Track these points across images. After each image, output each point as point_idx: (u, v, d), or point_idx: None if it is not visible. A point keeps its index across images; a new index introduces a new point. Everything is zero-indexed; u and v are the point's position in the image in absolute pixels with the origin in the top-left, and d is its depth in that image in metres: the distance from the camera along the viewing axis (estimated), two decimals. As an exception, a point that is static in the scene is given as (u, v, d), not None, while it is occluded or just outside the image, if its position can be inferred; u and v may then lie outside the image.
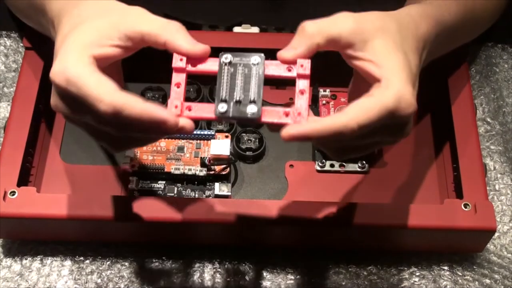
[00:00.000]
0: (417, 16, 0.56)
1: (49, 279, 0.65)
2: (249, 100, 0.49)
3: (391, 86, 0.48)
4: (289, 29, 0.76)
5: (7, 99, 0.75)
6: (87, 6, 0.52)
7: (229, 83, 0.49)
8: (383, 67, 0.50)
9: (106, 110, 0.46)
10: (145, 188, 0.66)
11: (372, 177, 0.69)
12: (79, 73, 0.47)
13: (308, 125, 0.47)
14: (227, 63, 0.50)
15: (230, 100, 0.49)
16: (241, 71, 0.50)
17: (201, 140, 0.68)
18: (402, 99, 0.48)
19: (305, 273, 0.66)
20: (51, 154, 0.70)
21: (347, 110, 0.48)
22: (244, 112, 0.49)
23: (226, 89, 0.49)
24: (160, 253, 0.66)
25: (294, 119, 0.49)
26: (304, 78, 0.50)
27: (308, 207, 0.62)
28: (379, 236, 0.64)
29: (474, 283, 0.65)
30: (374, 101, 0.48)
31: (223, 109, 0.49)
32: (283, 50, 0.50)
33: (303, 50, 0.50)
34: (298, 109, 0.49)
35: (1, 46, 0.79)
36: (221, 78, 0.50)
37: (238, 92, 0.49)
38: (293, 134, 0.47)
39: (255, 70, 0.50)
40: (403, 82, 0.49)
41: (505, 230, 0.69)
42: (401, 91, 0.48)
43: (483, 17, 0.69)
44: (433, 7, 0.60)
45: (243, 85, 0.49)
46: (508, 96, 0.77)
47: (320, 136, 0.47)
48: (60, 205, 0.61)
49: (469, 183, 0.64)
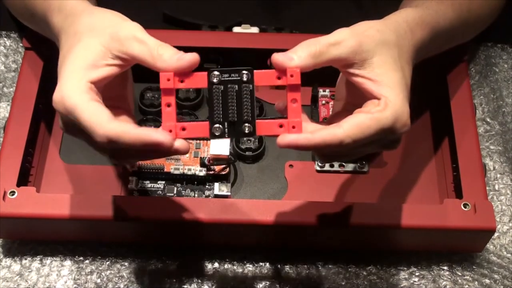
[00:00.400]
0: (414, 24, 0.57)
1: (49, 279, 0.65)
2: (243, 120, 0.50)
3: (390, 107, 0.50)
4: (289, 29, 0.76)
5: (7, 99, 0.75)
6: (81, 24, 0.53)
7: (221, 105, 0.49)
8: (382, 86, 0.50)
9: (101, 141, 0.48)
10: (144, 188, 0.66)
11: (372, 177, 0.69)
12: (75, 103, 0.48)
13: (304, 136, 0.48)
14: (216, 83, 0.49)
15: (224, 121, 0.50)
16: (232, 89, 0.49)
17: (201, 140, 0.68)
18: (398, 119, 0.50)
19: (304, 273, 0.66)
20: (51, 154, 0.70)
21: (344, 124, 0.49)
22: (240, 132, 0.50)
23: (219, 111, 0.49)
24: (159, 253, 0.66)
25: (290, 131, 0.50)
26: (294, 88, 0.50)
27: (307, 207, 0.62)
28: (379, 236, 0.64)
29: (473, 283, 0.66)
30: (372, 120, 0.49)
31: (218, 133, 0.50)
32: (281, 55, 0.50)
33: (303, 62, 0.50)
34: (292, 122, 0.50)
35: (1, 46, 0.79)
36: (213, 99, 0.49)
37: (231, 113, 0.49)
38: (289, 142, 0.48)
39: (246, 87, 0.49)
40: (401, 102, 0.50)
41: (505, 230, 0.69)
42: (398, 112, 0.50)
43: (478, 20, 0.69)
44: (430, 14, 0.60)
45: (235, 105, 0.49)
46: (508, 96, 0.77)
47: (315, 147, 0.49)
48: (59, 205, 0.61)
49: (469, 183, 0.64)
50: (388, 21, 0.55)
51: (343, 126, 0.49)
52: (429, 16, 0.59)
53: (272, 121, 0.50)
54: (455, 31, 0.64)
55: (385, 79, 0.51)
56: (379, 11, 0.59)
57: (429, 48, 0.60)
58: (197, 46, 0.70)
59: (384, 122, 0.49)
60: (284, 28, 0.76)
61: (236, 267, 0.66)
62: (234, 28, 0.75)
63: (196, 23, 0.76)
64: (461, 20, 0.64)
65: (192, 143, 0.68)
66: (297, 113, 0.50)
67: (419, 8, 0.60)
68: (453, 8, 0.63)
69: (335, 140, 0.48)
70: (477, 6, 0.67)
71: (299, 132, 0.49)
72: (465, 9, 0.65)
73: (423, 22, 0.58)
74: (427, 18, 0.59)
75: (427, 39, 0.58)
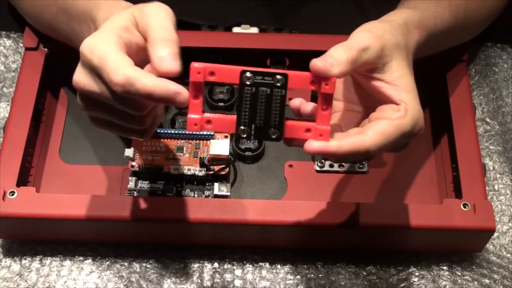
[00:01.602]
0: (412, 27, 0.57)
1: (48, 279, 0.65)
2: (270, 125, 0.49)
3: (410, 112, 0.50)
4: (288, 29, 0.76)
5: (7, 99, 0.75)
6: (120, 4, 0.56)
7: (250, 107, 0.49)
8: (401, 90, 0.51)
9: (119, 81, 0.47)
10: (144, 188, 0.66)
11: (371, 177, 0.69)
12: (104, 47, 0.49)
13: (334, 144, 0.49)
14: (249, 85, 0.48)
15: (251, 123, 0.49)
16: (263, 92, 0.49)
17: (201, 140, 0.68)
18: (417, 124, 0.51)
19: (304, 273, 0.66)
20: (51, 154, 0.70)
21: (369, 132, 0.49)
22: (266, 136, 0.49)
23: (248, 113, 0.49)
24: (159, 253, 0.66)
25: (317, 138, 0.49)
26: (328, 96, 0.49)
27: (307, 207, 0.62)
28: (378, 236, 0.64)
29: (473, 283, 0.66)
30: (395, 127, 0.50)
31: (244, 135, 0.49)
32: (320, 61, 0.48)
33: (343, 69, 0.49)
34: (320, 130, 0.49)
35: (1, 46, 0.79)
36: (242, 101, 0.49)
37: (260, 117, 0.49)
38: (318, 149, 0.48)
39: (278, 92, 0.49)
40: (418, 107, 0.51)
41: (504, 230, 0.69)
42: (416, 116, 0.51)
43: (476, 22, 0.69)
44: (428, 16, 0.60)
45: (264, 109, 0.49)
46: (508, 96, 0.77)
47: (344, 155, 0.49)
48: (59, 205, 0.61)
49: (468, 183, 0.64)
50: (393, 23, 0.55)
51: (369, 134, 0.49)
52: (427, 18, 0.60)
53: (300, 123, 0.50)
54: (452, 32, 0.65)
55: (403, 83, 0.51)
56: (379, 11, 0.59)
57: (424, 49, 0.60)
58: (196, 46, 0.70)
59: (404, 128, 0.50)
60: (283, 28, 0.76)
61: (236, 267, 0.66)
62: (233, 28, 0.75)
63: (196, 23, 0.76)
64: (458, 21, 0.64)
65: (192, 143, 0.68)
66: (326, 121, 0.49)
67: (418, 10, 0.60)
68: (450, 10, 0.63)
69: (363, 148, 0.49)
70: (474, 8, 0.67)
71: (326, 140, 0.49)
72: (462, 11, 0.65)
73: (421, 24, 0.58)
74: (425, 21, 0.59)
75: (423, 40, 0.58)
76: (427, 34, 0.59)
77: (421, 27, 0.58)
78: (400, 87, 0.51)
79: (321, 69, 0.48)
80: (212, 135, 0.68)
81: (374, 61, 0.51)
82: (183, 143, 0.68)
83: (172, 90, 0.47)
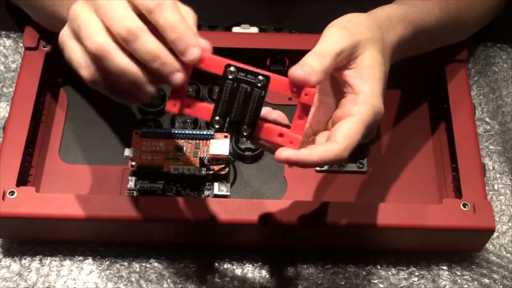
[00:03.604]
0: (397, 21, 0.57)
1: (48, 279, 0.65)
2: (244, 122, 0.50)
3: (369, 102, 0.51)
4: (288, 29, 0.76)
5: (7, 99, 0.75)
6: None
7: (228, 101, 0.49)
8: (365, 80, 0.51)
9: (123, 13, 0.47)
10: (144, 188, 0.66)
11: (371, 177, 0.69)
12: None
13: (303, 153, 0.49)
14: (231, 79, 0.49)
15: (226, 116, 0.50)
16: (243, 89, 0.49)
17: (200, 140, 0.68)
18: (377, 112, 0.51)
19: (304, 273, 0.66)
20: (50, 154, 0.70)
21: (337, 137, 0.50)
22: (239, 131, 0.50)
23: (225, 105, 0.49)
24: (159, 253, 0.66)
25: (287, 145, 0.50)
26: (306, 106, 0.49)
27: (307, 207, 0.62)
28: (378, 235, 0.64)
29: (473, 283, 0.66)
30: (358, 123, 0.50)
31: (217, 125, 0.50)
32: (298, 69, 0.49)
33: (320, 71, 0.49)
34: (292, 138, 0.50)
35: (1, 46, 0.79)
36: (221, 93, 0.49)
37: (235, 112, 0.49)
38: (287, 157, 0.49)
39: (257, 92, 0.49)
40: (379, 99, 0.51)
41: (504, 230, 0.69)
42: (376, 106, 0.51)
43: (469, 20, 0.69)
44: (414, 11, 0.60)
45: (241, 106, 0.49)
46: (507, 96, 0.77)
47: (313, 164, 0.49)
48: (59, 205, 0.61)
49: (468, 183, 0.64)
50: (373, 16, 0.56)
51: (337, 139, 0.50)
52: (413, 13, 0.60)
53: (274, 127, 0.50)
54: (443, 29, 0.65)
55: (370, 72, 0.52)
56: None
57: (411, 46, 0.60)
58: (196, 46, 0.70)
59: (367, 120, 0.50)
60: (283, 28, 0.76)
61: (236, 267, 0.66)
62: (233, 28, 0.75)
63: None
64: (449, 18, 0.64)
65: (192, 143, 0.68)
66: (300, 130, 0.50)
67: (404, 5, 0.60)
68: (439, 7, 0.63)
69: (333, 155, 0.49)
70: (466, 5, 0.67)
71: (295, 149, 0.50)
72: (453, 8, 0.65)
73: (406, 19, 0.59)
74: (411, 16, 0.59)
75: (409, 36, 0.59)
76: (413, 29, 0.59)
77: (407, 21, 0.58)
78: (366, 77, 0.51)
79: (300, 78, 0.48)
80: (212, 135, 0.68)
81: (347, 59, 0.52)
82: (183, 143, 0.68)
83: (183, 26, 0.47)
